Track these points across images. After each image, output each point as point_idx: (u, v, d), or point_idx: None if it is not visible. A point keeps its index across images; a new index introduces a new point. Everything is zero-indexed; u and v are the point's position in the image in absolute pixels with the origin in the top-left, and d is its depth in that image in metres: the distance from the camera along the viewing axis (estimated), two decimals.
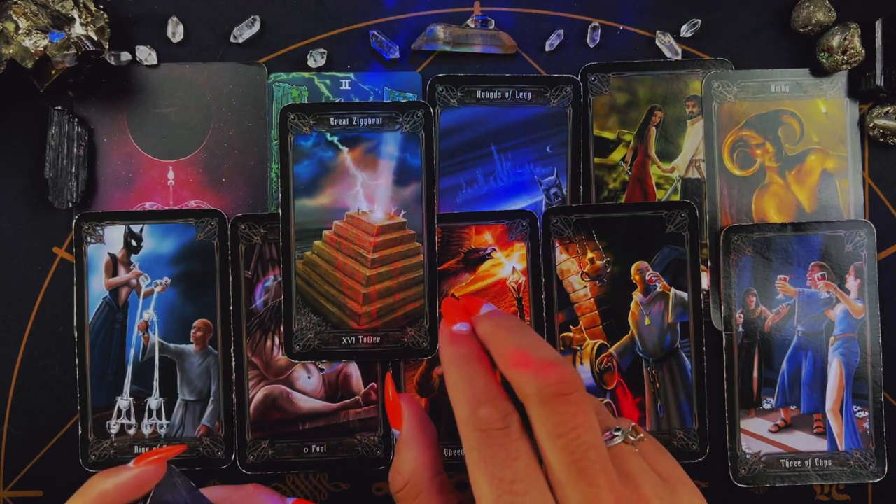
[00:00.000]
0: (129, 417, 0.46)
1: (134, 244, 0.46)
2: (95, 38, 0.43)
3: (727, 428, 0.46)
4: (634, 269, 0.46)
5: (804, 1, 0.46)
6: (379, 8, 0.47)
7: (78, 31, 0.42)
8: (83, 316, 0.46)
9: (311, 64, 0.46)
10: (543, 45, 0.47)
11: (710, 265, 0.47)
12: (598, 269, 0.46)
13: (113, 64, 0.46)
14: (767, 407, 0.46)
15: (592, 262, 0.46)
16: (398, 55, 0.46)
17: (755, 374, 0.46)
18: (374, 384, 0.46)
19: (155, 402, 0.46)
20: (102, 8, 0.45)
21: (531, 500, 0.29)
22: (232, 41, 0.46)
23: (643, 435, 0.33)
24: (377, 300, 0.46)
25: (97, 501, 0.33)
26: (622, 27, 0.47)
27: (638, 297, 0.46)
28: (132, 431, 0.46)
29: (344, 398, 0.46)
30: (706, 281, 0.47)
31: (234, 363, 0.46)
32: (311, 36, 0.47)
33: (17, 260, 0.46)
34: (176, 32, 0.46)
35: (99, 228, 0.46)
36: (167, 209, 0.46)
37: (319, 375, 0.46)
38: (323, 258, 0.45)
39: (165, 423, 0.46)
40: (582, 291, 0.46)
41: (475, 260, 0.46)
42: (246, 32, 0.46)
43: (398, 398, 0.36)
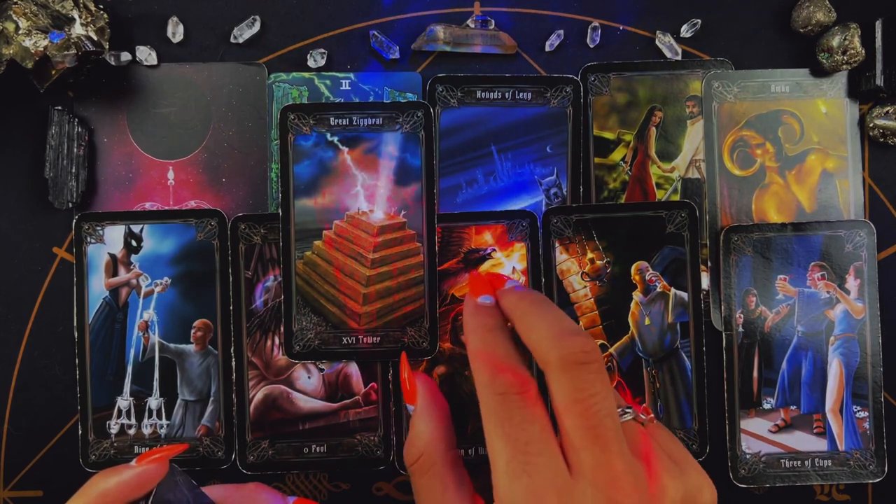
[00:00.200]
0: (129, 417, 0.46)
1: (134, 244, 0.46)
2: (95, 38, 0.43)
3: (727, 428, 0.46)
4: (634, 269, 0.46)
5: (804, 1, 0.46)
6: (379, 8, 0.47)
7: (78, 31, 0.42)
8: (83, 316, 0.46)
9: (311, 64, 0.46)
10: (543, 45, 0.47)
11: (710, 265, 0.47)
12: (598, 269, 0.46)
13: (113, 64, 0.46)
14: (767, 407, 0.46)
15: (592, 262, 0.46)
16: (398, 55, 0.46)
17: (755, 374, 0.46)
18: (374, 384, 0.46)
19: (155, 402, 0.46)
20: (102, 8, 0.45)
21: (543, 462, 0.30)
22: (232, 41, 0.46)
23: (652, 416, 0.34)
24: (377, 300, 0.46)
25: (99, 500, 0.34)
26: (622, 27, 0.47)
27: (638, 297, 0.46)
28: (132, 431, 0.46)
29: (344, 398, 0.46)
30: (706, 281, 0.47)
31: (234, 363, 0.46)
32: (310, 36, 0.47)
33: (17, 260, 0.46)
34: (176, 32, 0.46)
35: (99, 228, 0.46)
36: (167, 209, 0.46)
37: (319, 375, 0.46)
38: (323, 258, 0.45)
39: (165, 423, 0.46)
40: (582, 291, 0.46)
41: (475, 260, 0.46)
42: (246, 32, 0.46)
43: (413, 375, 0.37)
